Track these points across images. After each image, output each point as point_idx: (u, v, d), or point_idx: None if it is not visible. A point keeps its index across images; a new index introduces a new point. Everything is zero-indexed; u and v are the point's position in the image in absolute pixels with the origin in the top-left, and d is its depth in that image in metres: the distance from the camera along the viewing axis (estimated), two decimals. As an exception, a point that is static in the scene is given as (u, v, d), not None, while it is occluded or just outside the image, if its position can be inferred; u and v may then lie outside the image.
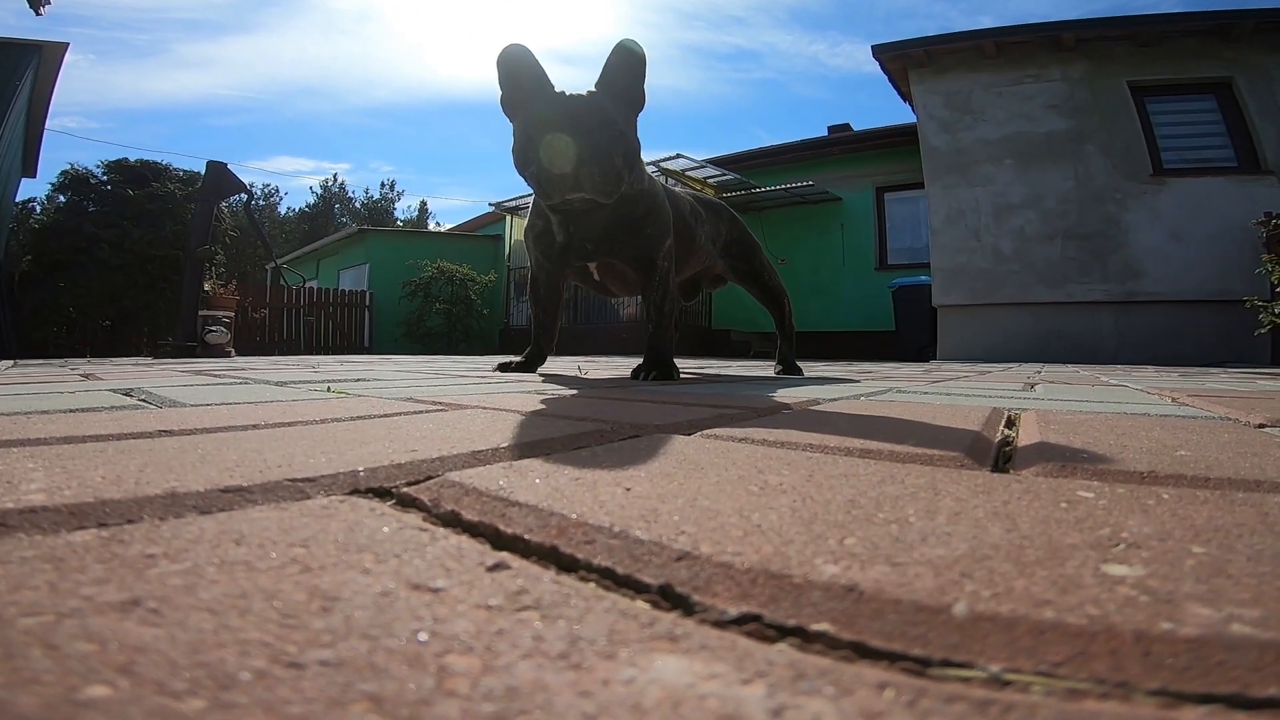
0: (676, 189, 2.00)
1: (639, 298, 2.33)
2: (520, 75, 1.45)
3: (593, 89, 1.46)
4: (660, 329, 1.72)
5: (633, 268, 1.72)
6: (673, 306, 1.77)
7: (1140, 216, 5.75)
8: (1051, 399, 1.17)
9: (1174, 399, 1.20)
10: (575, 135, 1.37)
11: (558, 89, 1.44)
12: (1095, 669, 0.19)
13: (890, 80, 7.03)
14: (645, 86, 1.52)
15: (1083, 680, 0.18)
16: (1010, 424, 0.78)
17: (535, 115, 1.41)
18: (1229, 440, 0.64)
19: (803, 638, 0.21)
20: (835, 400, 1.09)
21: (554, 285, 1.87)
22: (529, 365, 1.92)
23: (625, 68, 1.48)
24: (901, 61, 6.70)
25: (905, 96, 7.04)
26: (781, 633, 0.22)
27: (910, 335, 6.77)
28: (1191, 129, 5.85)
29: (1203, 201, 5.58)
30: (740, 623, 0.22)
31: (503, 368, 1.92)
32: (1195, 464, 0.50)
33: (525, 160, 1.43)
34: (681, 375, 1.90)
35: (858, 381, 1.71)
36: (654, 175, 1.74)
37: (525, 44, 1.45)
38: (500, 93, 1.48)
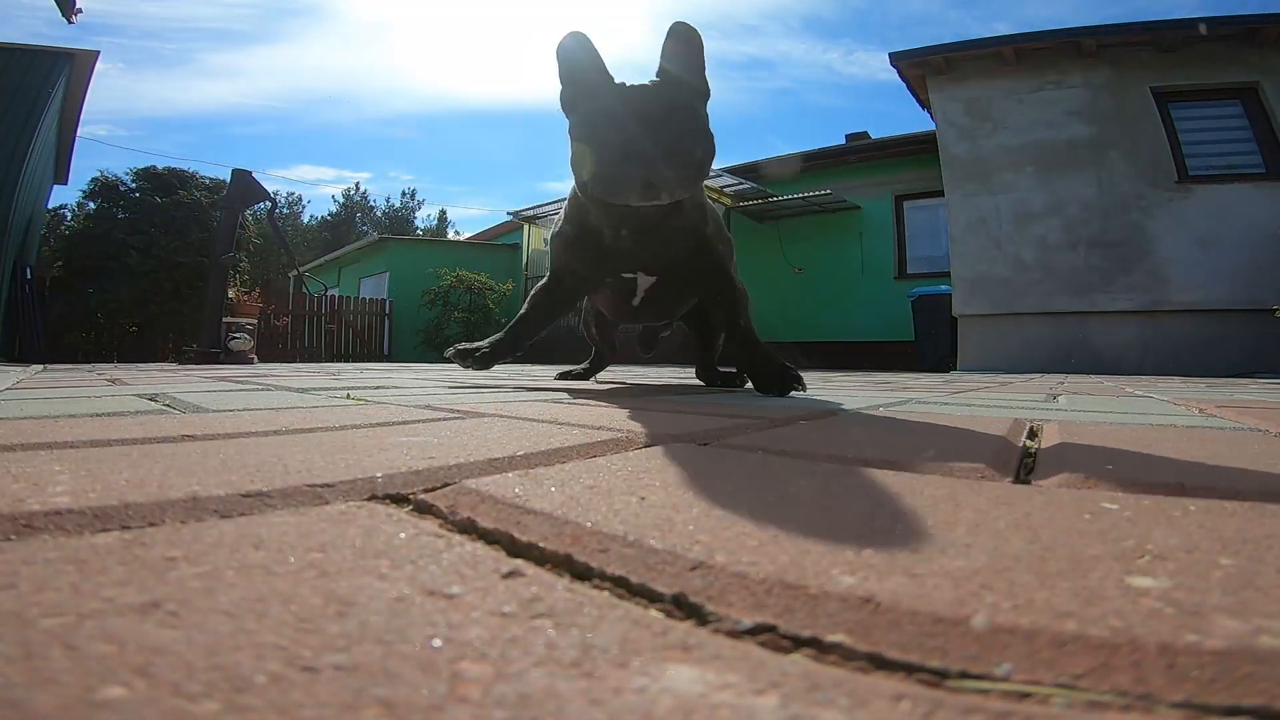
0: None
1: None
2: (580, 67, 1.31)
3: (655, 78, 1.31)
4: (751, 336, 1.51)
5: (702, 285, 1.55)
6: (748, 319, 1.57)
7: (1165, 224, 5.66)
8: (1075, 410, 1.15)
9: (1201, 410, 1.18)
10: (646, 129, 1.22)
11: (619, 81, 1.30)
12: (1118, 681, 0.18)
13: (908, 88, 7.00)
14: (707, 74, 1.35)
15: (1105, 692, 0.18)
16: (1032, 435, 0.77)
17: (596, 110, 1.26)
18: (1259, 452, 0.62)
19: (818, 648, 0.21)
20: (853, 410, 1.08)
21: (575, 296, 1.67)
22: (490, 359, 1.61)
23: (684, 53, 1.31)
24: (920, 69, 6.67)
25: (924, 104, 7.00)
26: (796, 643, 0.21)
27: (930, 345, 6.71)
28: (1217, 135, 5.75)
29: (1229, 209, 5.49)
30: (755, 633, 0.22)
31: (462, 355, 1.62)
32: (1224, 475, 0.49)
33: (583, 161, 1.28)
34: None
35: (875, 392, 1.70)
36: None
37: (585, 32, 1.31)
38: (560, 88, 1.33)
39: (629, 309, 1.68)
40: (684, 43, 1.31)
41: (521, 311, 1.66)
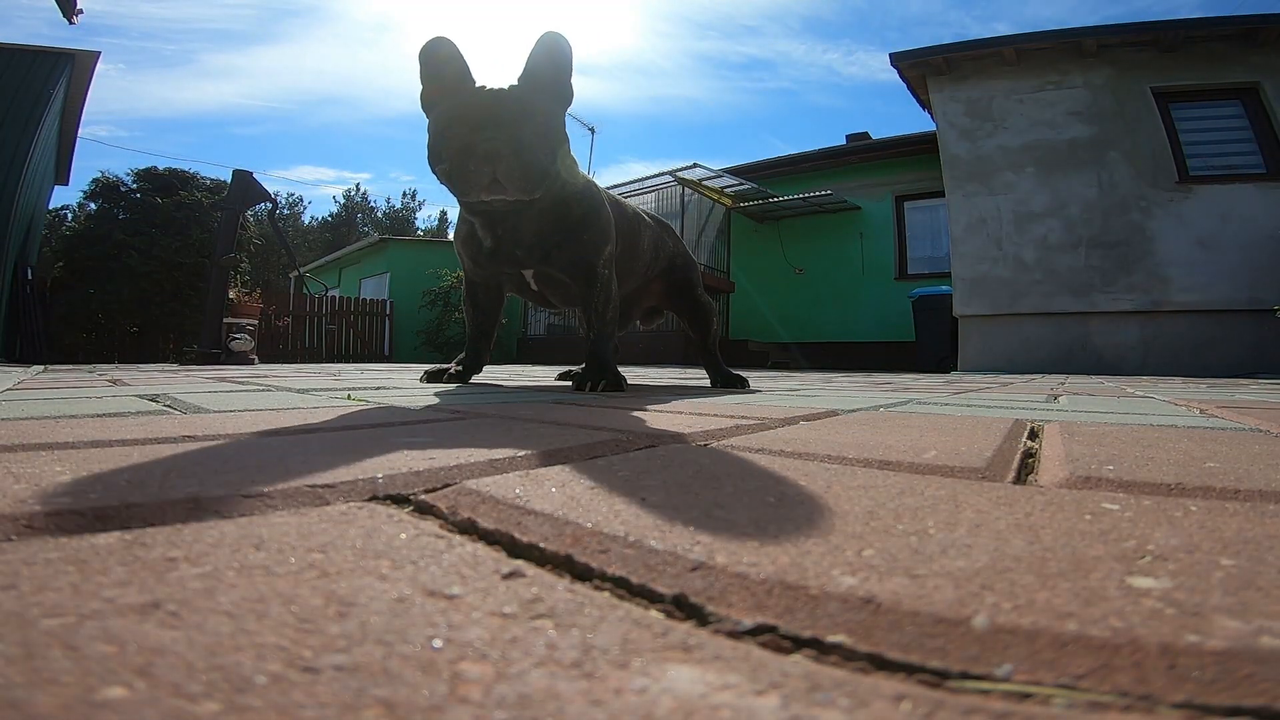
0: (629, 201, 1.86)
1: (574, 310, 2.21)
2: (442, 70, 1.37)
3: (514, 83, 1.38)
4: (603, 338, 1.64)
5: (570, 275, 1.61)
6: (615, 315, 1.68)
7: (1166, 224, 5.66)
8: (1075, 410, 1.15)
9: (1202, 410, 1.18)
10: (493, 129, 1.29)
11: (479, 84, 1.37)
12: (1119, 681, 0.18)
13: (909, 88, 7.00)
14: (572, 81, 1.43)
15: (1106, 693, 0.18)
16: (1033, 435, 0.77)
17: (450, 109, 1.34)
18: (1260, 452, 0.62)
19: (818, 649, 0.21)
20: (853, 411, 1.08)
21: (493, 291, 1.79)
22: (465, 375, 1.77)
23: (550, 61, 1.39)
24: (920, 69, 6.67)
25: (924, 104, 7.01)
26: (797, 644, 0.21)
27: (930, 346, 6.71)
28: (1218, 135, 5.75)
29: (1230, 209, 5.48)
30: (755, 633, 0.22)
31: (432, 377, 1.73)
32: (1224, 476, 0.49)
33: (438, 158, 1.35)
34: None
35: (876, 393, 1.70)
36: (591, 179, 1.65)
37: (450, 38, 1.37)
38: (421, 87, 1.40)
39: (541, 298, 1.79)
40: (549, 50, 1.38)
41: (468, 333, 1.82)
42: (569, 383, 1.86)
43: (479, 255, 1.59)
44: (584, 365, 1.71)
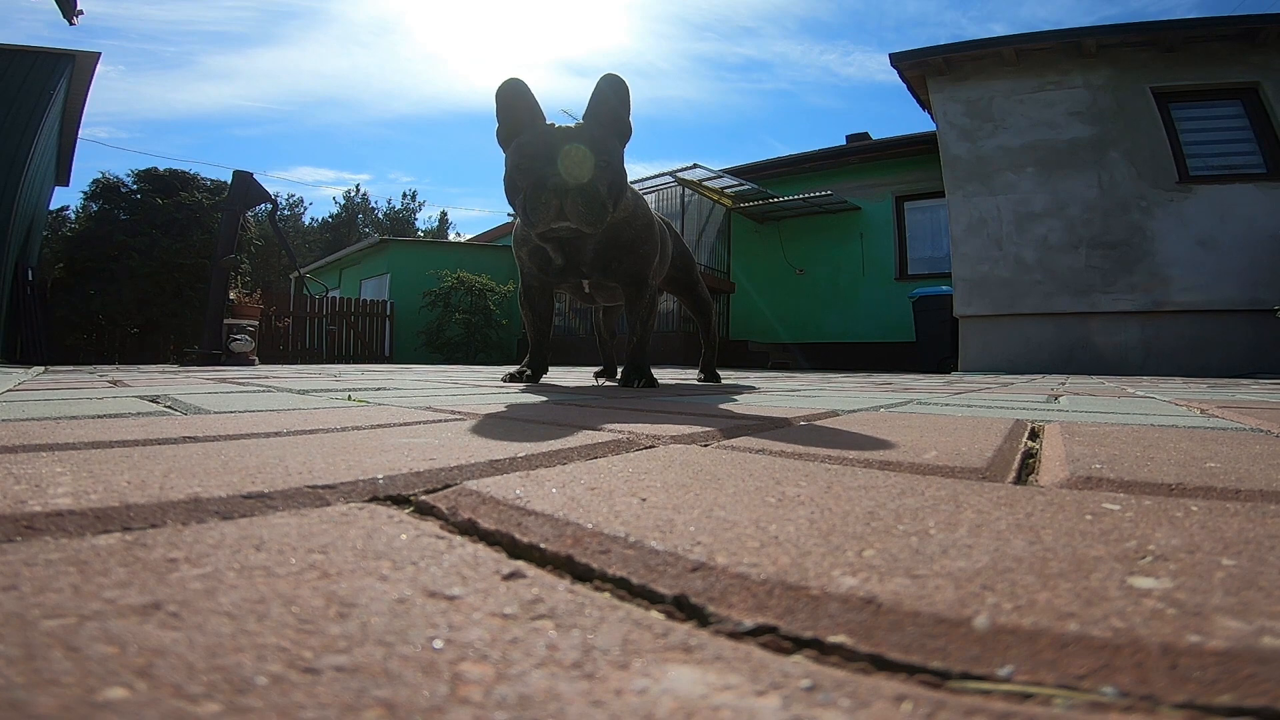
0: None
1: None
2: (516, 108, 1.52)
3: (581, 121, 1.52)
4: (643, 342, 1.85)
5: (623, 284, 1.84)
6: (654, 323, 1.90)
7: (1167, 225, 5.65)
8: (1076, 411, 1.15)
9: (1203, 410, 1.18)
10: (562, 167, 1.44)
11: (549, 122, 1.51)
12: (1120, 682, 0.18)
13: (909, 88, 7.00)
14: (631, 117, 1.59)
15: (1107, 693, 0.18)
16: (1034, 436, 0.77)
17: (525, 146, 1.47)
18: (1260, 452, 0.62)
19: (819, 649, 0.21)
20: (854, 412, 1.08)
21: (548, 296, 1.99)
22: (535, 377, 1.97)
23: (611, 99, 1.55)
24: (920, 69, 6.66)
25: (924, 105, 7.00)
26: (798, 644, 0.21)
27: (931, 346, 6.70)
28: (1218, 135, 5.75)
29: (1231, 209, 5.48)
30: (756, 634, 0.22)
31: (512, 379, 1.93)
32: (1225, 476, 0.49)
33: (514, 189, 1.50)
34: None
35: (877, 393, 1.70)
36: (638, 192, 1.81)
37: (521, 78, 1.51)
38: (497, 125, 1.55)
39: (590, 299, 2.06)
40: (611, 91, 1.55)
41: (530, 336, 2.02)
42: (612, 382, 2.10)
43: (548, 267, 1.78)
44: (623, 366, 1.91)
